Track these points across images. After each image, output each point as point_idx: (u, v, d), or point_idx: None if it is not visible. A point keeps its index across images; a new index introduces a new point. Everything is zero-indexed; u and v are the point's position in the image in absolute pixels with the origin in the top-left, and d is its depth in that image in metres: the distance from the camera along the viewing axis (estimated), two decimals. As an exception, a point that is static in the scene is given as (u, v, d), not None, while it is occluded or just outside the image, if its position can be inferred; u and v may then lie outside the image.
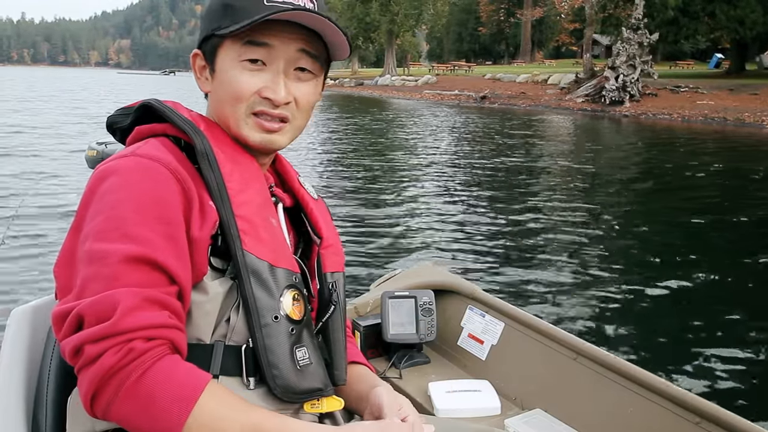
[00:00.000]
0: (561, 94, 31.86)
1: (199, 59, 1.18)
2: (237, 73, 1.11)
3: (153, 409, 0.88)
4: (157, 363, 0.90)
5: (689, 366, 3.91)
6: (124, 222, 0.96)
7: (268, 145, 1.15)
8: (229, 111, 1.13)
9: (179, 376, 0.91)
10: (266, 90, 1.11)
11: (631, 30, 28.09)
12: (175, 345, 0.95)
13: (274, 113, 1.12)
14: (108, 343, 0.89)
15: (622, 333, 4.41)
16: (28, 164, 10.89)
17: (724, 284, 5.66)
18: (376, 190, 9.76)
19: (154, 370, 0.89)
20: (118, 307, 0.89)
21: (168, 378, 0.89)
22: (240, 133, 1.13)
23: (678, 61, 45.09)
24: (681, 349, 4.19)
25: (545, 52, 70.94)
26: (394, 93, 42.07)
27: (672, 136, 19.63)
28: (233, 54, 1.11)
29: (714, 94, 27.64)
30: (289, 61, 1.12)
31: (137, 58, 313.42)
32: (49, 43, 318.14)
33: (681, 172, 12.31)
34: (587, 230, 7.47)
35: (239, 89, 1.11)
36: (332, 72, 15.09)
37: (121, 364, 0.88)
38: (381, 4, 55.35)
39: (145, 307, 0.92)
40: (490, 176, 11.29)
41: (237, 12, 1.09)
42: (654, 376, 1.65)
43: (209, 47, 1.14)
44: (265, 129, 1.13)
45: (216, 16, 1.12)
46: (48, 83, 54.17)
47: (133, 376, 0.88)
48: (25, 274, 5.21)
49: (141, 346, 0.90)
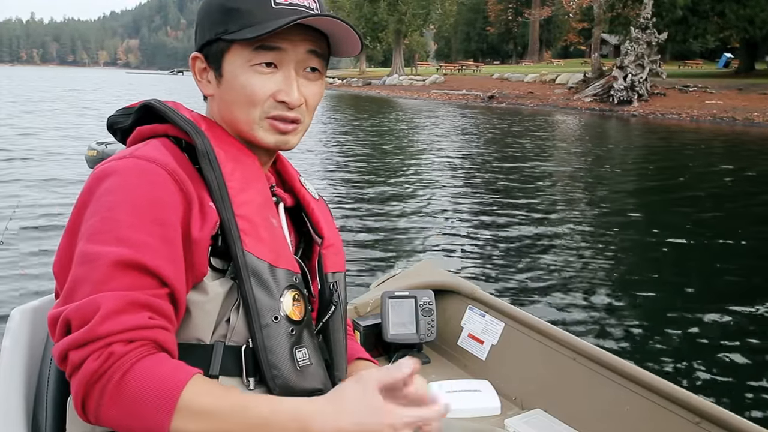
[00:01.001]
0: (569, 93, 31.79)
1: (199, 62, 1.17)
2: (249, 77, 1.10)
3: (139, 409, 0.88)
4: (137, 364, 0.89)
5: (690, 366, 3.91)
6: (118, 224, 0.96)
7: (282, 146, 1.15)
8: (241, 114, 1.13)
9: (161, 373, 0.90)
10: (281, 93, 1.10)
11: (639, 29, 28.01)
12: (159, 344, 0.94)
13: (290, 116, 1.12)
14: (89, 349, 0.88)
15: (623, 333, 4.40)
16: (33, 166, 10.90)
17: (728, 285, 5.63)
18: (377, 190, 9.77)
19: (134, 370, 0.88)
20: (98, 311, 0.89)
21: (150, 377, 0.89)
22: (254, 136, 1.13)
23: (687, 61, 44.91)
24: (682, 349, 4.17)
25: (553, 52, 70.75)
26: (401, 93, 42.07)
27: (680, 135, 19.58)
28: (243, 59, 1.10)
29: (723, 93, 27.52)
30: (300, 63, 1.12)
31: (145, 58, 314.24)
32: (58, 43, 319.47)
33: (689, 172, 12.28)
34: (590, 230, 7.46)
35: (253, 93, 1.10)
36: (340, 72, 15.05)
37: (103, 368, 0.88)
38: (389, 4, 55.34)
39: (127, 310, 0.91)
40: (493, 176, 11.28)
41: (244, 16, 1.08)
42: (654, 376, 1.64)
43: (214, 51, 1.13)
44: (279, 131, 1.13)
45: (218, 19, 1.11)
46: (59, 83, 54.18)
47: (114, 379, 0.87)
48: (26, 274, 5.20)
49: (120, 349, 0.89)
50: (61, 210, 7.37)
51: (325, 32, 1.13)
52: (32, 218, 6.98)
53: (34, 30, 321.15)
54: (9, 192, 8.47)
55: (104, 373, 0.88)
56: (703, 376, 3.80)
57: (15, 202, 7.23)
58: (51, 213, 7.30)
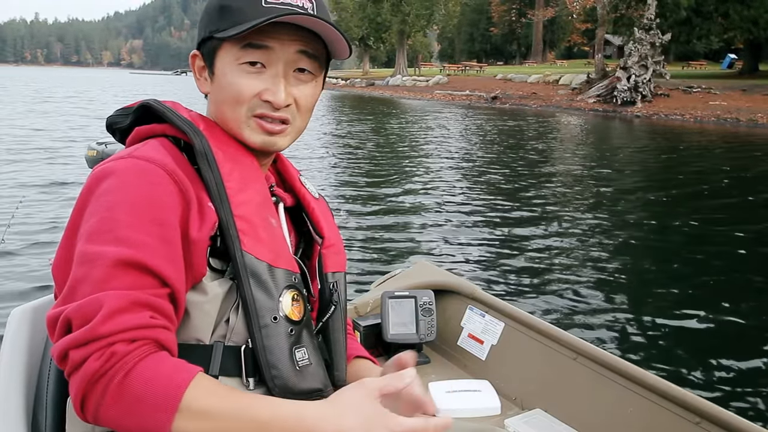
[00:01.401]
0: (572, 94, 31.74)
1: (198, 60, 1.18)
2: (236, 75, 1.11)
3: (140, 408, 0.88)
4: (139, 363, 0.89)
5: (691, 367, 3.90)
6: (118, 224, 0.96)
7: (269, 146, 1.15)
8: (229, 113, 1.13)
9: (164, 372, 0.90)
10: (266, 93, 1.11)
11: (643, 30, 27.94)
12: (161, 344, 0.94)
13: (275, 116, 1.12)
14: (91, 348, 0.88)
15: (624, 333, 4.39)
16: (39, 167, 10.90)
17: (730, 286, 5.62)
18: (378, 190, 9.76)
19: (137, 370, 0.88)
20: (100, 310, 0.89)
21: (153, 376, 0.89)
22: (241, 135, 1.13)
23: (691, 62, 44.84)
24: (682, 349, 4.17)
25: (557, 53, 70.62)
26: (404, 93, 42.04)
27: (684, 136, 19.52)
28: (232, 56, 1.11)
29: (727, 94, 27.44)
30: (289, 63, 1.12)
31: (149, 58, 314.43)
32: (62, 44, 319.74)
33: (692, 172, 12.25)
34: (592, 231, 7.44)
35: (239, 92, 1.11)
36: (343, 72, 14.97)
37: (105, 368, 0.88)
38: (392, 4, 55.32)
39: (129, 309, 0.91)
40: (495, 177, 11.26)
41: (234, 14, 1.09)
42: (654, 376, 1.64)
43: (208, 49, 1.14)
44: (266, 131, 1.13)
45: (213, 17, 1.12)
46: (65, 83, 54.11)
47: (117, 378, 0.87)
48: (26, 274, 5.20)
49: (123, 348, 0.89)
50: (61, 210, 7.38)
51: (318, 33, 1.12)
52: (33, 218, 6.98)
53: (38, 30, 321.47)
54: (9, 192, 8.47)
55: (106, 373, 0.88)
56: (703, 376, 3.79)
57: (16, 203, 7.22)
58: (51, 213, 7.30)
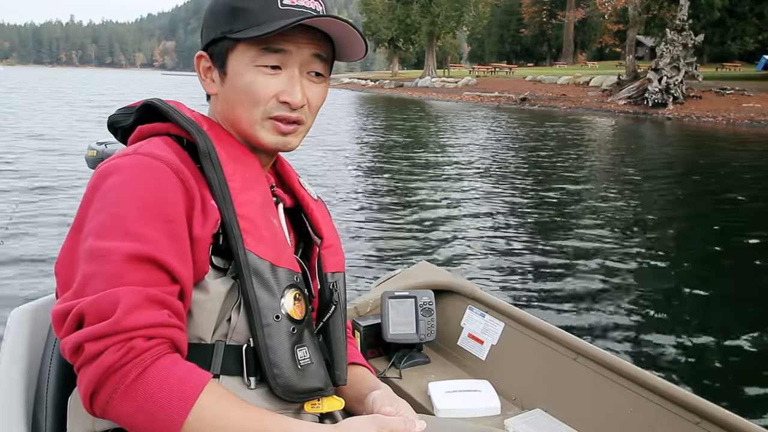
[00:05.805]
0: (602, 96, 31.40)
1: (204, 61, 1.18)
2: (253, 76, 1.11)
3: (151, 407, 0.89)
4: (156, 362, 0.90)
5: (691, 367, 3.89)
6: (126, 220, 0.96)
7: (283, 147, 1.16)
8: (243, 113, 1.14)
9: (179, 374, 0.91)
10: (284, 94, 1.12)
11: (675, 31, 27.56)
12: (175, 344, 0.95)
13: (292, 117, 1.13)
14: (109, 341, 0.89)
15: (624, 334, 4.37)
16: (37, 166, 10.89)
17: (732, 285, 5.57)
18: (378, 190, 9.76)
19: (153, 368, 0.90)
20: (119, 305, 0.89)
21: (167, 377, 0.90)
22: (255, 136, 1.14)
23: (725, 63, 44.09)
24: (683, 350, 4.13)
25: (588, 54, 69.94)
26: (433, 94, 41.95)
27: (715, 139, 19.22)
28: (247, 58, 1.11)
29: (761, 96, 26.93)
30: (303, 65, 1.13)
31: (181, 59, 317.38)
32: (96, 45, 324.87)
33: (722, 175, 12.09)
34: (594, 231, 7.35)
35: (257, 93, 1.11)
36: (372, 74, 15.02)
37: (122, 362, 0.89)
38: (422, 6, 55.28)
39: (146, 306, 0.92)
40: (501, 178, 11.16)
41: (249, 15, 1.09)
42: (654, 376, 1.63)
43: (219, 49, 1.14)
44: (281, 132, 1.14)
45: (225, 18, 1.12)
46: (106, 86, 54.50)
47: (132, 374, 0.89)
48: (26, 274, 5.21)
49: (141, 344, 0.90)
50: (62, 210, 7.40)
51: (331, 35, 1.14)
52: (32, 218, 6.99)
53: (73, 32, 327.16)
54: (9, 192, 8.51)
55: (122, 367, 0.89)
56: (703, 376, 3.77)
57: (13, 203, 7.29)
58: (51, 213, 7.31)
